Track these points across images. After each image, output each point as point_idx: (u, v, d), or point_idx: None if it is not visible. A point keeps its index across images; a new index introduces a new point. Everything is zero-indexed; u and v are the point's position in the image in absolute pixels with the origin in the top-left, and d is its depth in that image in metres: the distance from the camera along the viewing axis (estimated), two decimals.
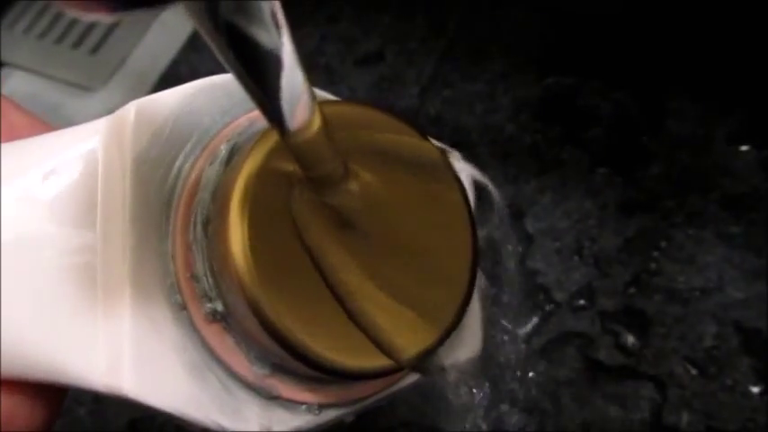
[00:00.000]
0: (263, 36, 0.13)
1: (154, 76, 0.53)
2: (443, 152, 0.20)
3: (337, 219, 0.18)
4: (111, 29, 0.58)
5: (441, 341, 0.18)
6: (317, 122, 0.16)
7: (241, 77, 0.14)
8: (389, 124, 0.20)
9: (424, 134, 0.20)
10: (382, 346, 0.18)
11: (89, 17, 0.11)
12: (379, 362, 0.18)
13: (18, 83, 0.58)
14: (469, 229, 0.19)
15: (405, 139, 0.20)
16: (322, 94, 0.21)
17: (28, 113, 0.23)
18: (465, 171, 0.20)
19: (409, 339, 0.18)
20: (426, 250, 0.19)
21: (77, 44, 0.58)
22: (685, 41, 0.47)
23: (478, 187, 0.21)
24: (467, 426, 0.21)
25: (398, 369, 0.19)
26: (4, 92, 0.57)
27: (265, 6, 0.13)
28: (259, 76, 0.14)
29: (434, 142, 0.20)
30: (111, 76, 0.56)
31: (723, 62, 0.46)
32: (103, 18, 0.11)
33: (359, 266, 0.18)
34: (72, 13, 0.11)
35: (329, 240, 0.18)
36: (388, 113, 0.20)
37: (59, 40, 0.58)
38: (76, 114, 0.53)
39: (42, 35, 0.59)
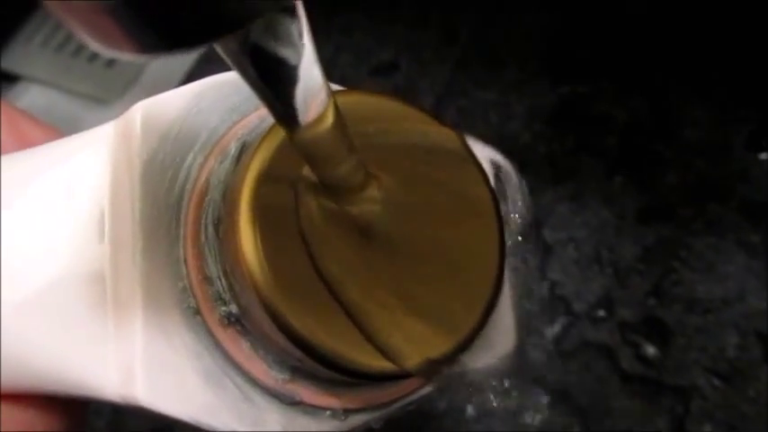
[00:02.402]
0: (289, 53, 0.13)
1: (169, 88, 0.53)
2: (465, 140, 0.19)
3: (352, 226, 0.18)
4: None
5: (453, 353, 0.18)
6: (329, 118, 0.15)
7: (258, 88, 0.14)
8: (402, 112, 0.19)
9: (439, 119, 0.19)
10: (389, 355, 0.17)
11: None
12: None
13: (35, 96, 0.58)
14: (496, 228, 0.19)
15: (421, 128, 0.19)
16: (331, 86, 0.20)
17: (42, 124, 0.23)
18: (486, 157, 0.20)
19: (421, 348, 0.17)
20: (449, 255, 0.19)
21: (94, 57, 0.58)
22: (701, 48, 0.47)
23: (500, 174, 0.20)
24: None
25: None
26: (21, 105, 0.58)
27: (294, 29, 0.13)
28: (277, 86, 0.14)
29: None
30: (127, 89, 0.56)
31: (739, 68, 0.46)
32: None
33: (368, 273, 0.18)
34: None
35: (340, 249, 0.17)
36: (397, 100, 0.19)
37: (76, 53, 0.59)
38: (93, 127, 0.53)
39: (59, 48, 0.59)
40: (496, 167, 0.20)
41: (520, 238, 0.20)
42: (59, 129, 0.23)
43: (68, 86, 0.58)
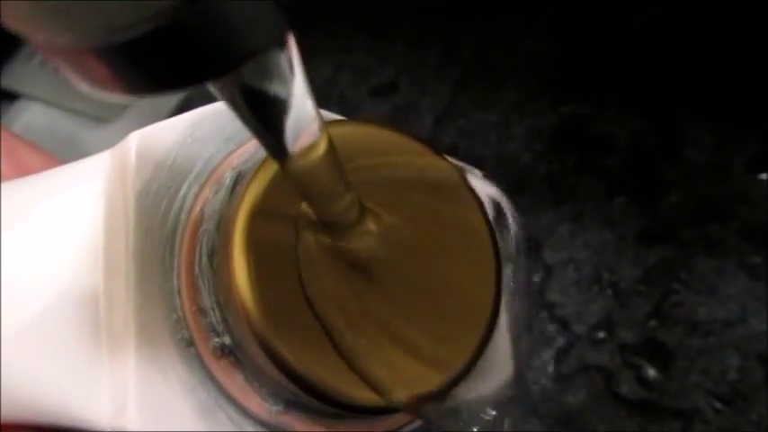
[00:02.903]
0: (280, 87, 0.13)
1: (168, 107, 0.53)
2: (461, 171, 0.19)
3: (349, 262, 0.18)
4: None
5: (444, 389, 0.17)
6: (321, 149, 0.15)
7: (248, 121, 0.14)
8: (398, 143, 0.19)
9: (437, 151, 0.19)
10: (378, 390, 0.17)
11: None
12: None
13: (35, 114, 0.58)
14: (493, 260, 0.19)
15: (417, 160, 0.19)
16: (328, 114, 0.20)
17: (41, 151, 0.23)
18: (482, 190, 0.19)
19: (410, 384, 0.17)
20: (446, 289, 0.18)
21: None
22: (702, 69, 0.47)
23: (496, 207, 0.20)
24: None
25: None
26: (20, 124, 0.58)
27: (284, 63, 0.13)
28: (268, 119, 0.14)
29: (451, 160, 0.19)
30: (127, 108, 0.56)
31: (740, 89, 0.46)
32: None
33: (364, 310, 0.17)
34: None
35: (336, 285, 0.17)
36: (393, 130, 0.19)
37: None
38: (93, 146, 0.53)
39: None
40: (493, 200, 0.20)
41: (515, 269, 0.19)
42: (58, 153, 0.23)
43: (68, 105, 0.58)
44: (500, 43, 0.53)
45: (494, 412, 0.18)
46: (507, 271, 0.19)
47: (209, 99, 0.19)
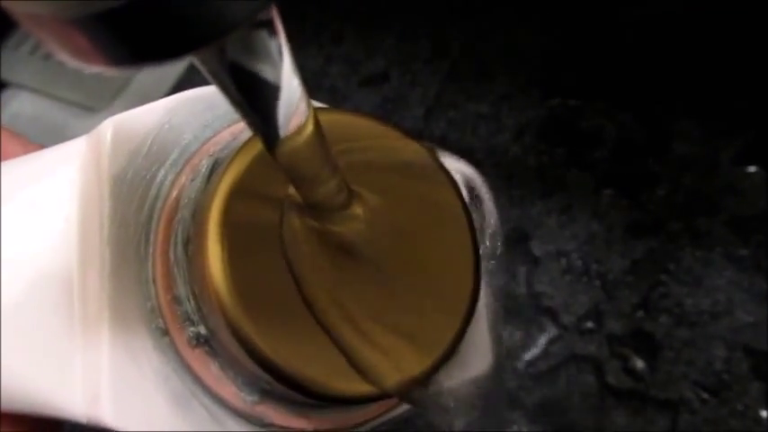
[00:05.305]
0: (268, 70, 0.13)
1: (158, 95, 0.53)
2: (435, 153, 0.19)
3: (336, 245, 0.18)
4: None
5: (430, 371, 0.17)
6: (309, 128, 0.15)
7: (237, 103, 0.14)
8: (374, 130, 0.19)
9: (407, 134, 0.19)
10: (367, 375, 0.17)
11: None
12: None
13: (23, 103, 0.58)
14: (470, 241, 0.19)
15: (393, 144, 0.19)
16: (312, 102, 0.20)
17: (21, 140, 0.23)
18: (453, 167, 0.19)
19: (398, 368, 0.17)
20: (426, 273, 0.18)
21: None
22: (690, 63, 0.47)
23: (469, 187, 0.20)
24: None
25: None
26: (9, 112, 0.57)
27: (272, 42, 0.13)
28: (257, 101, 0.14)
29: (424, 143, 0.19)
30: (116, 97, 0.56)
31: (728, 83, 0.46)
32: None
33: (350, 293, 0.17)
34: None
35: (323, 269, 0.17)
36: (370, 118, 0.19)
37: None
38: (81, 135, 0.53)
39: (47, 56, 0.59)
40: (468, 180, 0.20)
41: (497, 251, 0.19)
42: (46, 142, 0.23)
43: (57, 94, 0.57)
44: (490, 36, 0.53)
45: (477, 399, 0.18)
46: (483, 252, 0.19)
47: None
